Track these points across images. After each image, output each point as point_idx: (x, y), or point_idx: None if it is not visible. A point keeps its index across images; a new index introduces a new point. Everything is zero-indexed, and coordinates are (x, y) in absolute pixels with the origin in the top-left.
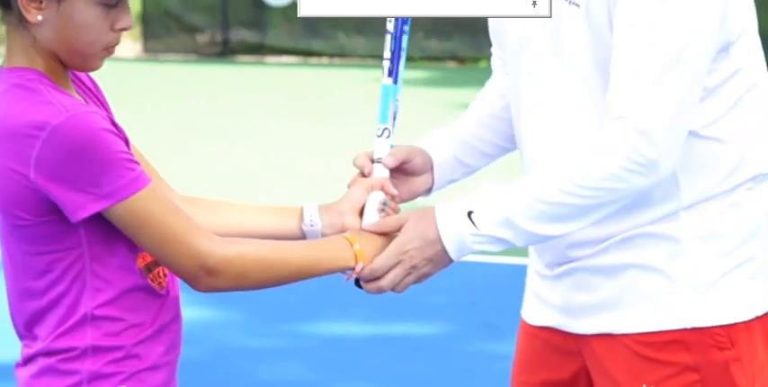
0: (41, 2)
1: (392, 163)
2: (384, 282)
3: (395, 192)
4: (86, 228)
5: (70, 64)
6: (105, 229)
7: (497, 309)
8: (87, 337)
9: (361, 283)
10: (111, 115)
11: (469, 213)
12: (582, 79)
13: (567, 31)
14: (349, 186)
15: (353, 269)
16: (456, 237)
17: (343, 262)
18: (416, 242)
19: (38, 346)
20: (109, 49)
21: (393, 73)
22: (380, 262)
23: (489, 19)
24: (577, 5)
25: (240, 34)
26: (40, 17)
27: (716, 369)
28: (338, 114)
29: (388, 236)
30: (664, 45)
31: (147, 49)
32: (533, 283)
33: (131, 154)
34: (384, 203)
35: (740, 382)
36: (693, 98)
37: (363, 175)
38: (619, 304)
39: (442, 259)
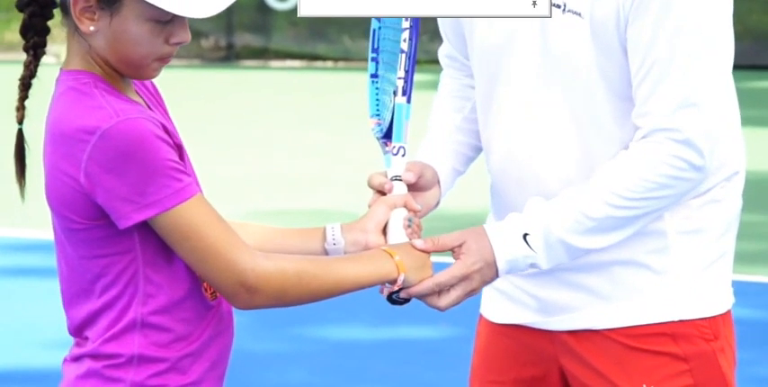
0: (95, 13)
1: (413, 177)
2: (442, 302)
3: (418, 207)
4: (140, 232)
5: (124, 73)
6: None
7: None
8: (134, 345)
9: (412, 297)
10: (170, 120)
11: (525, 236)
12: (584, 88)
13: (564, 39)
14: (370, 206)
15: (394, 281)
16: (512, 260)
17: (386, 274)
18: (479, 264)
19: (87, 347)
20: (164, 60)
21: (407, 92)
22: (445, 278)
23: (447, 25)
24: (578, 15)
25: (245, 39)
26: (92, 28)
27: (704, 359)
28: (343, 118)
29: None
30: (702, 59)
31: None
32: (498, 282)
33: (180, 163)
34: (409, 220)
35: (726, 371)
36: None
37: (382, 193)
38: (604, 299)
39: (491, 279)
